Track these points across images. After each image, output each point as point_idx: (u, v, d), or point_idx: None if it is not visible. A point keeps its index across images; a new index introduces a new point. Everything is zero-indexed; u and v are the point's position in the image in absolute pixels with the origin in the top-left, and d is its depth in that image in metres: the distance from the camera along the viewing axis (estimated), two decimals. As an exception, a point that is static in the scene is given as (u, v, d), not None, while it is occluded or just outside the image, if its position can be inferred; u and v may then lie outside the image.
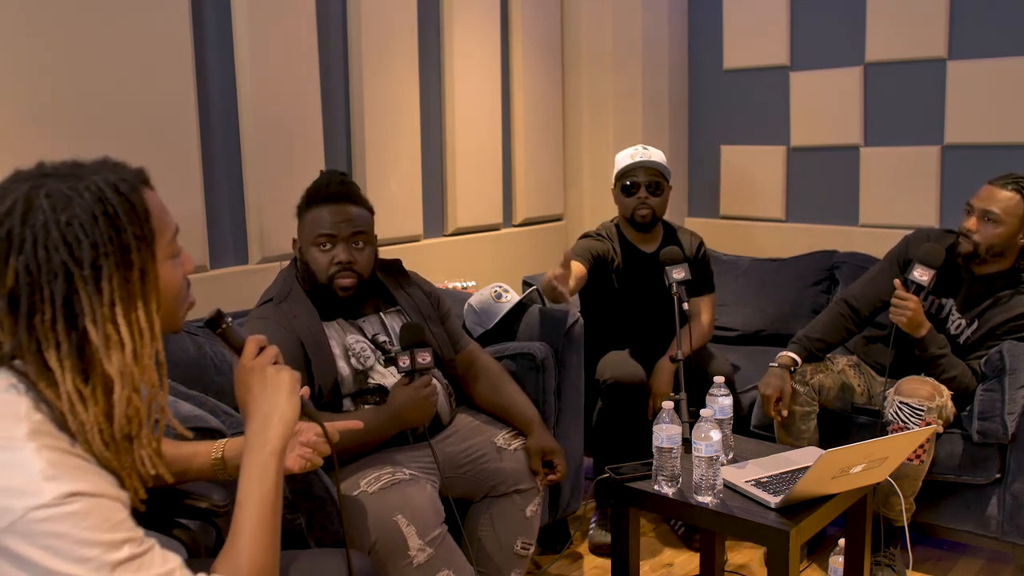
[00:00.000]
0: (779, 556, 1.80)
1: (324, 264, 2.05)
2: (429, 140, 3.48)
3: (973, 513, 2.54)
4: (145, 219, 1.07)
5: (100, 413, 1.02)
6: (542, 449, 2.15)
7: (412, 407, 1.96)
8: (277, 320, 2.01)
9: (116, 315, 1.02)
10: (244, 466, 1.17)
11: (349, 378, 2.05)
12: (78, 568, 0.92)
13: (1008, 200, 2.46)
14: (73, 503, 0.93)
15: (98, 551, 0.93)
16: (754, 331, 3.49)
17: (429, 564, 1.85)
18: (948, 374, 2.49)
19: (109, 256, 1.02)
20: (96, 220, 1.02)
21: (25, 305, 1.00)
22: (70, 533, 0.92)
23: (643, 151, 2.88)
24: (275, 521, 1.15)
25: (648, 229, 2.92)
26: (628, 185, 2.87)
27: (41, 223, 1.00)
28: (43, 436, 0.97)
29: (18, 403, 0.99)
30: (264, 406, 1.22)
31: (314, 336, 2.02)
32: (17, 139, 2.22)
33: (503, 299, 2.73)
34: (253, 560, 1.10)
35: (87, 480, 0.97)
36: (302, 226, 2.10)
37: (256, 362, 1.25)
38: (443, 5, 3.47)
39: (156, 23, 2.49)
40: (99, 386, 1.02)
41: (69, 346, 1.01)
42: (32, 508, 0.91)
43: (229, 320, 1.30)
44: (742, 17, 3.91)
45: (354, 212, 2.08)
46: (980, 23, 3.32)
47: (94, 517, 0.94)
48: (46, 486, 0.93)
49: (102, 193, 1.03)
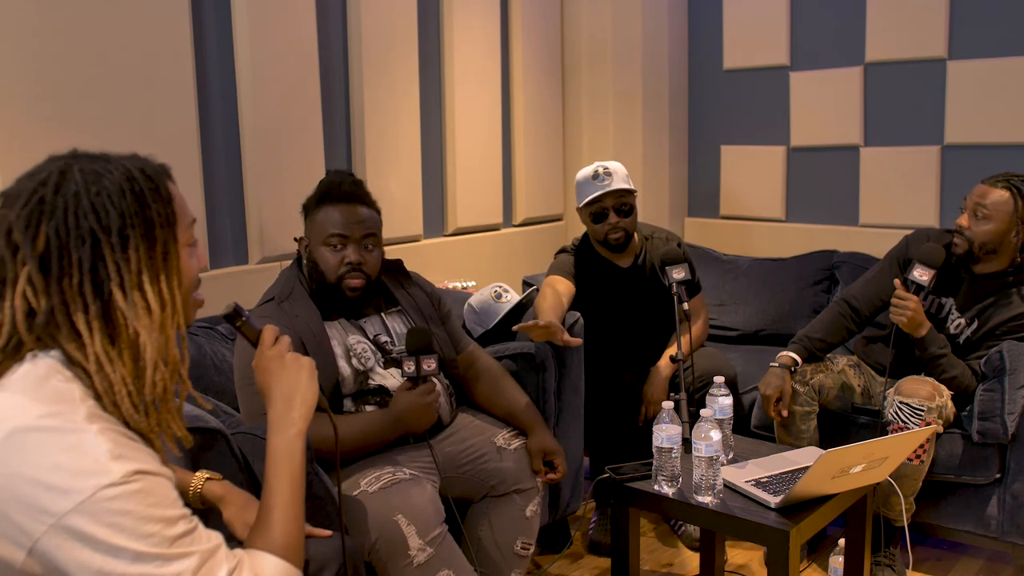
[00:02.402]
0: (779, 556, 1.80)
1: (334, 264, 2.06)
2: (429, 140, 3.48)
3: (973, 513, 2.54)
4: (168, 201, 1.12)
5: (128, 375, 1.06)
6: (543, 449, 2.16)
7: (414, 413, 1.96)
8: (278, 319, 2.01)
9: (143, 282, 1.07)
10: (270, 446, 1.23)
11: (350, 378, 2.05)
12: (142, 544, 0.96)
13: (999, 197, 2.47)
14: (138, 481, 0.98)
15: (160, 527, 0.98)
16: (754, 331, 3.49)
17: (429, 564, 1.85)
18: (948, 374, 2.49)
19: (136, 227, 1.07)
20: (124, 194, 1.07)
21: (56, 268, 1.03)
22: (136, 510, 0.96)
23: (604, 175, 2.73)
24: (302, 498, 1.21)
25: (623, 249, 2.84)
26: (596, 212, 2.76)
27: (72, 192, 1.05)
28: (100, 419, 1.01)
29: (71, 389, 1.02)
30: (286, 389, 1.28)
31: (316, 336, 2.02)
32: (18, 138, 2.22)
33: (503, 299, 2.73)
34: (286, 534, 1.16)
35: (145, 459, 1.01)
36: (311, 224, 2.10)
37: (275, 349, 1.32)
38: (443, 5, 3.47)
39: (156, 23, 2.49)
40: (126, 349, 1.06)
41: (97, 309, 1.04)
42: (102, 487, 0.95)
43: (247, 314, 1.37)
44: (742, 17, 3.91)
45: (365, 213, 2.09)
46: (980, 23, 3.32)
47: (156, 494, 0.99)
48: (114, 465, 0.97)
49: (130, 173, 1.09)
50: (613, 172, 2.75)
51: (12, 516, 0.95)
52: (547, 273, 2.84)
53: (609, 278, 2.87)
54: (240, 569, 1.05)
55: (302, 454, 1.23)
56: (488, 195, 3.71)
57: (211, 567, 1.02)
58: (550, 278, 2.79)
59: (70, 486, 0.95)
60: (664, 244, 2.88)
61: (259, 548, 1.13)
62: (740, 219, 4.03)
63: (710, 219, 4.12)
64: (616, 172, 2.75)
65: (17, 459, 0.96)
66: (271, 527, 1.15)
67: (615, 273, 2.88)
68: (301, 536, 1.18)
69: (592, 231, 2.83)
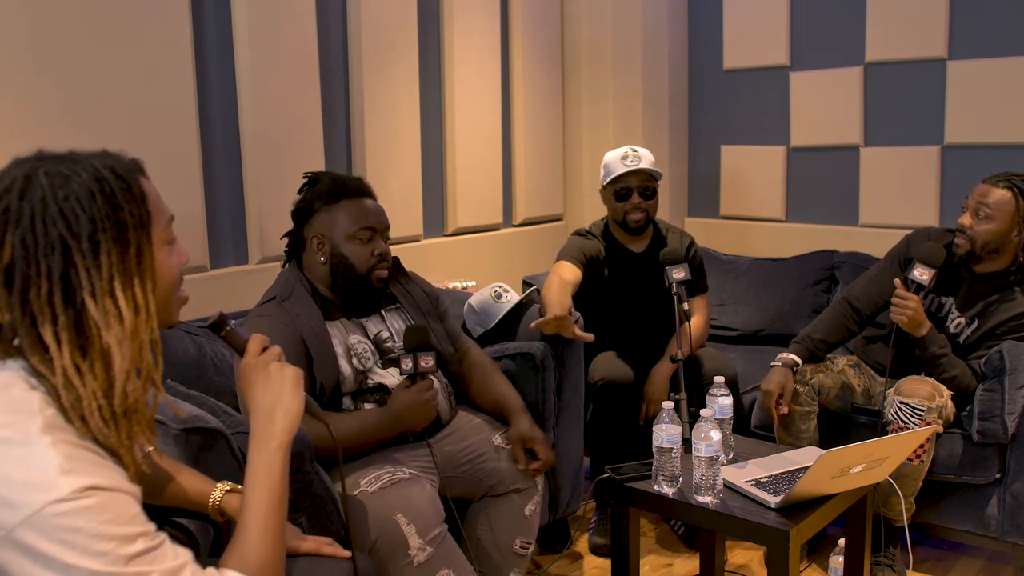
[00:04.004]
0: (779, 556, 1.80)
1: (365, 256, 2.07)
2: (429, 140, 3.48)
3: (973, 513, 2.54)
4: (141, 200, 1.07)
5: (99, 388, 1.02)
6: (521, 436, 2.13)
7: (413, 411, 1.97)
8: (279, 318, 2.01)
9: (115, 288, 1.02)
10: (250, 461, 1.18)
11: (350, 377, 2.05)
12: (94, 562, 0.92)
13: (1001, 196, 2.47)
14: (90, 497, 0.94)
15: (113, 545, 0.94)
16: (754, 331, 3.49)
17: (429, 563, 1.85)
18: (948, 374, 2.49)
19: (107, 231, 1.02)
20: (94, 196, 1.02)
21: (20, 279, 0.99)
22: (86, 527, 0.93)
23: (634, 155, 2.82)
24: (282, 515, 1.16)
25: (641, 232, 2.90)
26: (620, 191, 2.83)
27: (39, 198, 1.00)
28: (57, 430, 0.97)
29: (31, 398, 0.99)
30: (268, 401, 1.21)
31: (318, 335, 2.02)
32: (18, 139, 2.22)
33: (503, 299, 2.73)
34: (261, 553, 1.11)
35: (102, 474, 0.97)
36: (328, 221, 2.08)
37: (259, 359, 1.25)
38: (443, 5, 3.47)
39: (156, 23, 2.49)
40: (97, 361, 1.02)
41: (67, 320, 1.00)
42: (50, 502, 0.92)
43: (232, 323, 1.31)
44: (742, 17, 3.91)
45: (380, 207, 2.15)
46: (980, 23, 3.32)
47: (110, 511, 0.95)
48: (63, 480, 0.93)
49: (99, 173, 1.04)
50: (642, 156, 2.84)
51: None
52: (556, 258, 2.86)
53: (621, 260, 2.90)
54: None
55: (282, 468, 1.17)
56: (488, 195, 3.71)
57: None
58: (558, 264, 2.82)
59: (17, 499, 0.92)
60: (678, 241, 2.94)
61: (232, 568, 1.08)
62: (740, 219, 4.03)
63: (710, 219, 4.12)
64: (644, 156, 2.84)
65: None
66: (246, 546, 1.11)
67: (627, 257, 2.91)
68: (279, 556, 1.13)
69: (613, 210, 2.89)
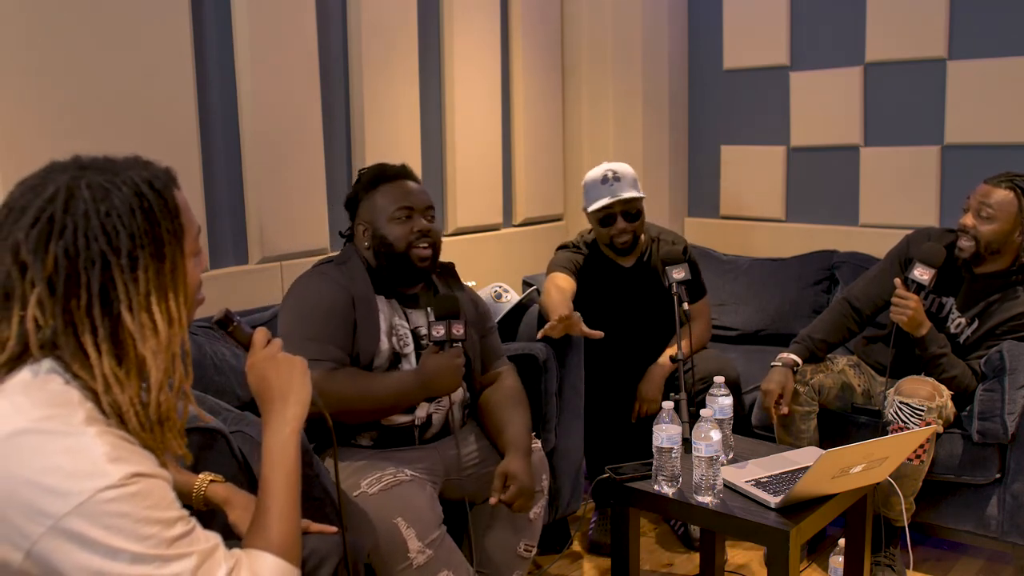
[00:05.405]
0: (779, 556, 1.80)
1: (403, 233, 2.08)
2: (429, 140, 3.48)
3: (973, 513, 2.54)
4: (176, 215, 1.11)
5: (136, 395, 1.06)
6: (506, 472, 2.00)
7: (442, 374, 1.93)
8: (337, 279, 2.05)
9: (151, 303, 1.07)
10: (266, 446, 1.23)
11: (386, 354, 2.05)
12: (140, 545, 0.97)
13: (1003, 197, 2.47)
14: (136, 483, 0.98)
15: (157, 528, 0.98)
16: (754, 331, 3.49)
17: (428, 566, 1.85)
18: (948, 374, 2.49)
19: (144, 248, 1.06)
20: (134, 213, 1.06)
21: (62, 289, 1.03)
22: (133, 512, 0.97)
23: (614, 180, 2.70)
24: (297, 496, 1.21)
25: (630, 252, 2.85)
26: (604, 218, 2.75)
27: (82, 212, 1.03)
28: (98, 422, 1.01)
29: (69, 392, 1.02)
30: (280, 388, 1.27)
31: (367, 303, 2.04)
32: (18, 140, 2.22)
33: (503, 299, 2.73)
34: (282, 532, 1.16)
35: (142, 461, 1.02)
36: (369, 208, 2.11)
37: (267, 351, 1.30)
38: (443, 5, 3.47)
39: (156, 23, 2.49)
40: (132, 370, 1.06)
41: (105, 331, 1.04)
42: (100, 489, 0.95)
43: (238, 319, 1.35)
44: (742, 17, 3.91)
45: (421, 188, 2.16)
46: (980, 23, 3.31)
47: (153, 496, 1.00)
48: (112, 468, 0.97)
49: (138, 188, 1.07)
50: (622, 176, 2.72)
51: (10, 518, 0.95)
52: (547, 271, 2.84)
53: (612, 277, 2.86)
54: (239, 569, 1.06)
55: (297, 453, 1.23)
56: (488, 195, 3.71)
57: (209, 567, 1.02)
58: (552, 275, 2.78)
59: (68, 488, 0.95)
60: (670, 247, 2.85)
61: (257, 548, 1.14)
62: (740, 219, 4.03)
63: (710, 219, 4.12)
64: (625, 176, 2.73)
65: (15, 461, 0.96)
66: (268, 527, 1.16)
67: (618, 272, 2.87)
68: (298, 534, 1.19)
69: (599, 234, 2.82)
